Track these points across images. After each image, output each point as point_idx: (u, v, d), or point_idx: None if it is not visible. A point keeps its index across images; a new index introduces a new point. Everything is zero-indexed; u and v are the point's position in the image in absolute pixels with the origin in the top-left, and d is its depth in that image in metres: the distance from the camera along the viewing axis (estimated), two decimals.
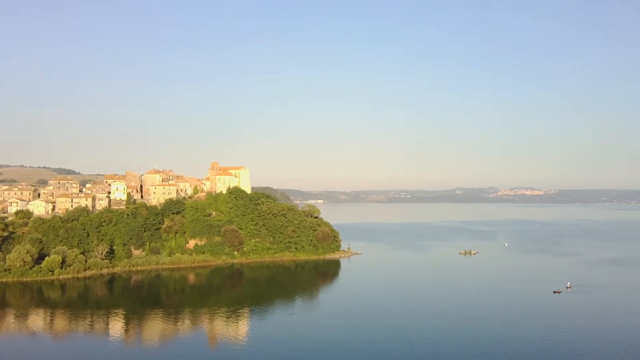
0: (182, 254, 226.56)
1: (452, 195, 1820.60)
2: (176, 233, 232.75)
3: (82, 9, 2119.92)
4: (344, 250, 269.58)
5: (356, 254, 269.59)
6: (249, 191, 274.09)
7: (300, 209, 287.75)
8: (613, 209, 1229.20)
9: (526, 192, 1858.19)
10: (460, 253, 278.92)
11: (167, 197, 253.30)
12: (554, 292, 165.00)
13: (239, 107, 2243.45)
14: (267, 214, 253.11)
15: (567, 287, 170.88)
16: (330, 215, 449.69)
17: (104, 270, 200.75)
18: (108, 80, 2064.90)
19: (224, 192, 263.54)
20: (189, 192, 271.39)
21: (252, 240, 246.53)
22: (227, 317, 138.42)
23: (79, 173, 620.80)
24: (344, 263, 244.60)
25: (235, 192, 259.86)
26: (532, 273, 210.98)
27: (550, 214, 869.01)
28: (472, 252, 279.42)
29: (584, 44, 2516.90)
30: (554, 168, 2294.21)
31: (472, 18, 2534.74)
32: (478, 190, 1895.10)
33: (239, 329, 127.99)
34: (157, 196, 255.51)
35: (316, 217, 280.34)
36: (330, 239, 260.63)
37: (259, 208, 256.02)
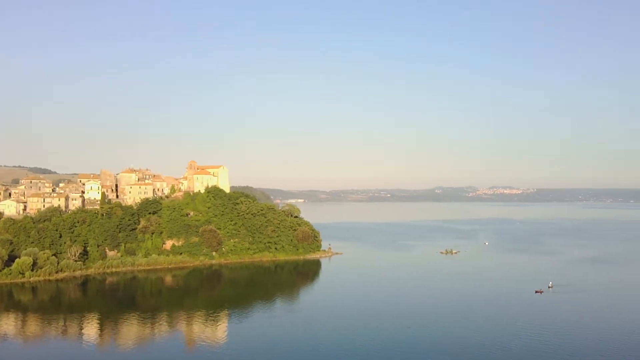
0: (158, 255, 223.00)
1: (432, 195, 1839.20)
2: (152, 233, 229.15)
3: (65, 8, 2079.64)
4: (324, 250, 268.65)
5: (337, 254, 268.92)
6: (227, 190, 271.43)
7: (280, 208, 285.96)
8: (589, 207, 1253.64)
9: (504, 191, 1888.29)
10: (442, 252, 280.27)
11: (143, 196, 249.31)
12: (536, 291, 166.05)
13: (219, 106, 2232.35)
14: (247, 214, 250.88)
15: (548, 287, 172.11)
16: (311, 214, 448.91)
17: (77, 272, 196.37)
18: (90, 79, 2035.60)
19: (202, 191, 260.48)
20: (166, 191, 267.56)
21: (231, 240, 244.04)
22: (205, 320, 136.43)
23: (55, 172, 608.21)
24: (324, 263, 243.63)
25: (214, 192, 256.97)
26: (514, 272, 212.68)
27: (528, 213, 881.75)
28: (454, 252, 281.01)
29: (564, 42, 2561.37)
30: (531, 167, 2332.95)
31: (457, 16, 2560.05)
32: (457, 189, 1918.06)
33: (217, 331, 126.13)
34: (132, 196, 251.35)
35: (296, 217, 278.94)
36: (311, 238, 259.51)
37: (238, 208, 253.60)
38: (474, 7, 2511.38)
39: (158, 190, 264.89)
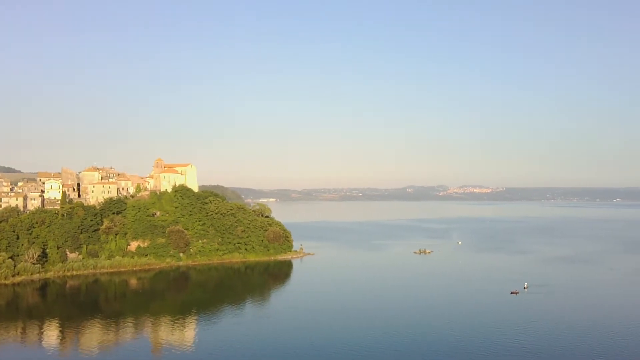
0: (122, 256, 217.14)
1: (403, 194, 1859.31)
2: (116, 234, 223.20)
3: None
4: (296, 251, 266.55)
5: (309, 254, 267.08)
6: (196, 189, 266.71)
7: (250, 208, 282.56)
8: (557, 206, 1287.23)
9: (475, 190, 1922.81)
10: (415, 252, 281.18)
11: (106, 196, 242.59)
12: (511, 292, 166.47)
13: (188, 104, 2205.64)
14: (216, 214, 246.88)
15: (524, 288, 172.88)
16: (283, 214, 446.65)
17: (35, 276, 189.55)
18: (61, 77, 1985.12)
19: (169, 190, 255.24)
20: (131, 190, 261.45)
21: (199, 241, 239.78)
22: (172, 324, 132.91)
23: (19, 171, 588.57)
24: (296, 264, 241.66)
25: (181, 191, 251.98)
26: (488, 273, 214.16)
27: (498, 212, 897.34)
28: (427, 251, 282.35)
29: (535, 41, 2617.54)
30: (501, 166, 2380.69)
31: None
32: (428, 188, 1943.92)
33: (185, 336, 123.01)
34: (95, 195, 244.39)
35: (267, 217, 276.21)
36: (282, 239, 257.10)
37: (206, 207, 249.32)
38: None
39: (123, 189, 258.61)
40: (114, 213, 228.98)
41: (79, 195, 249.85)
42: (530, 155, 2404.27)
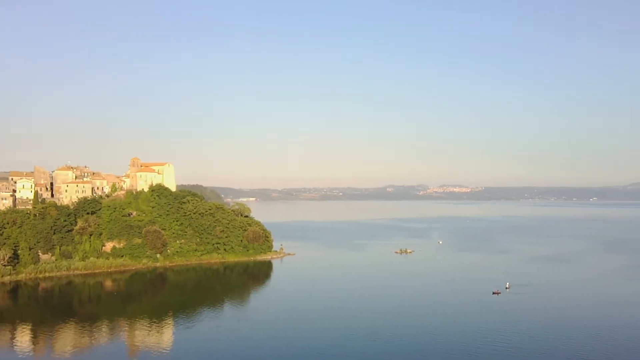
0: (97, 258, 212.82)
1: (383, 193, 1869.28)
2: (91, 235, 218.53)
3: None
4: (276, 251, 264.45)
5: (289, 254, 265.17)
6: (173, 189, 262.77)
7: (229, 207, 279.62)
8: (535, 205, 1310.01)
9: (454, 190, 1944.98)
10: (397, 252, 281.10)
11: (81, 195, 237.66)
12: (493, 293, 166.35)
13: (167, 103, 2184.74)
14: (194, 214, 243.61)
15: (506, 288, 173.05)
16: (263, 213, 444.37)
17: (6, 278, 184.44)
18: (35, 76, 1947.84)
19: (146, 190, 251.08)
20: (107, 190, 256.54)
21: (177, 241, 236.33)
22: (148, 327, 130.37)
23: None
24: (276, 264, 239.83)
25: (159, 190, 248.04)
26: (469, 272, 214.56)
27: (478, 211, 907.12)
28: (408, 251, 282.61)
29: (517, 41, 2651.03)
30: (480, 166, 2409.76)
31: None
32: (408, 187, 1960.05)
33: (162, 338, 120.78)
34: (69, 195, 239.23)
35: (247, 216, 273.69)
36: (262, 239, 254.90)
37: (184, 207, 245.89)
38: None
39: (98, 188, 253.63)
40: (88, 213, 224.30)
41: (52, 195, 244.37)
42: (509, 155, 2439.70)
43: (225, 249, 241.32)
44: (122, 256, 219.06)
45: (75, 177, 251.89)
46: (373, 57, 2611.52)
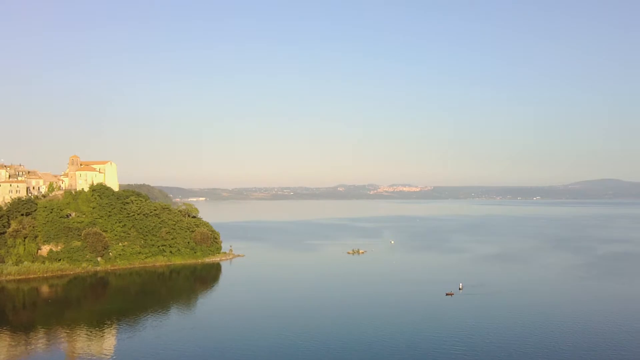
0: (32, 262, 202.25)
1: (334, 192, 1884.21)
2: (25, 238, 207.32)
3: None
4: (225, 253, 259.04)
5: (239, 255, 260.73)
6: (116, 188, 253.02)
7: (176, 207, 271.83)
8: (482, 204, 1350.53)
9: (404, 189, 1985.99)
10: (349, 252, 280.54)
11: (14, 195, 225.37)
12: (447, 294, 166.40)
13: (111, 100, 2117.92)
14: (137, 214, 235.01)
15: (459, 289, 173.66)
16: (212, 214, 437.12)
17: None
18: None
19: (86, 189, 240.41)
20: (43, 190, 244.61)
21: (120, 244, 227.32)
22: (89, 334, 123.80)
23: None
24: (225, 266, 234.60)
25: (100, 190, 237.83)
26: (422, 273, 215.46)
27: (427, 210, 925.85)
28: (360, 251, 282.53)
29: (463, 40, 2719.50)
30: (428, 166, 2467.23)
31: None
32: (359, 187, 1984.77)
33: (104, 346, 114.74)
34: (1, 195, 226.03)
35: (194, 217, 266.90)
36: (210, 240, 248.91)
37: (127, 207, 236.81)
38: None
39: (33, 188, 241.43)
40: (22, 214, 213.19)
41: None
42: (457, 155, 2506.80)
43: (171, 252, 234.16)
44: (60, 260, 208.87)
45: (9, 176, 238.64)
46: (325, 55, 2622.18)
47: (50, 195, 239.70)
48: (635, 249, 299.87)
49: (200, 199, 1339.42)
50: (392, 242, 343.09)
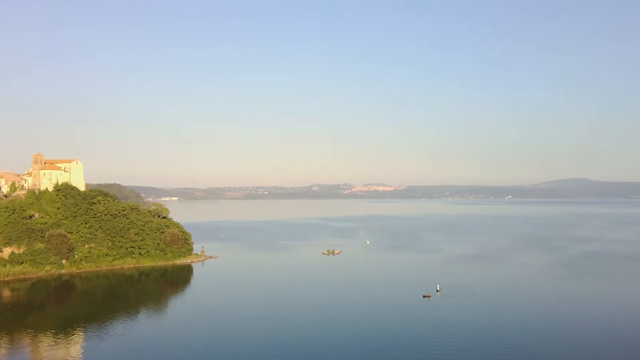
0: None
1: (308, 192, 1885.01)
2: None
3: None
4: (196, 254, 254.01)
5: (211, 257, 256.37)
6: (82, 188, 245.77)
7: (145, 208, 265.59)
8: (456, 203, 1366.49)
9: (378, 188, 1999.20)
10: (324, 253, 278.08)
11: None
12: (424, 296, 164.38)
13: (79, 98, 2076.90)
14: (105, 215, 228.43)
15: (436, 291, 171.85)
16: (184, 214, 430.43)
17: None
18: None
19: (50, 189, 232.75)
20: (5, 189, 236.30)
21: (86, 246, 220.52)
22: (54, 340, 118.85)
23: None
24: (196, 268, 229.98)
25: (65, 190, 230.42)
26: (398, 274, 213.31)
27: (401, 209, 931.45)
28: (336, 252, 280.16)
29: (442, 40, 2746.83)
30: (402, 165, 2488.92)
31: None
32: (333, 186, 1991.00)
33: (70, 352, 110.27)
34: None
35: (165, 217, 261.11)
36: (181, 241, 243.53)
37: (94, 208, 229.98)
38: None
39: None
40: None
41: None
42: (430, 154, 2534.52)
43: (140, 253, 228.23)
44: (22, 263, 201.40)
45: None
46: (299, 54, 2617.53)
47: (12, 195, 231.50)
48: (607, 248, 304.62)
49: (173, 198, 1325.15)
50: (368, 242, 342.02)
